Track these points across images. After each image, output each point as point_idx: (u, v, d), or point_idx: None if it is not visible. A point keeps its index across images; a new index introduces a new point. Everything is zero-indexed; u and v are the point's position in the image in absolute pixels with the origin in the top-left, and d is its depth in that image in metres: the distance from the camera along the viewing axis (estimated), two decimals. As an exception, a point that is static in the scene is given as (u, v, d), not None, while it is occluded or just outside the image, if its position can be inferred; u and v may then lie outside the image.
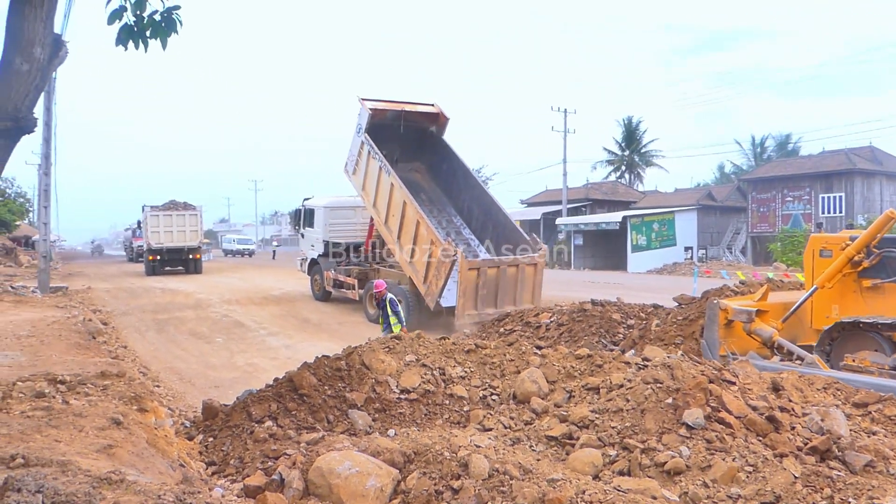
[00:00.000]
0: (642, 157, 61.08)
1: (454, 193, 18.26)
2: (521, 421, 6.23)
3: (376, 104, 17.58)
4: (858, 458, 5.15)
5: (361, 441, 5.40)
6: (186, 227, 32.39)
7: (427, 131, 18.73)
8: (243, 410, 6.40)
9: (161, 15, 5.01)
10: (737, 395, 5.71)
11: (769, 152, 56.67)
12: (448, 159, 18.61)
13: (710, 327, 9.28)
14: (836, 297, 9.06)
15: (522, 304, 15.09)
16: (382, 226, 16.79)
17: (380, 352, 7.41)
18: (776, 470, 4.75)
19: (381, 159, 16.48)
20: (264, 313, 18.79)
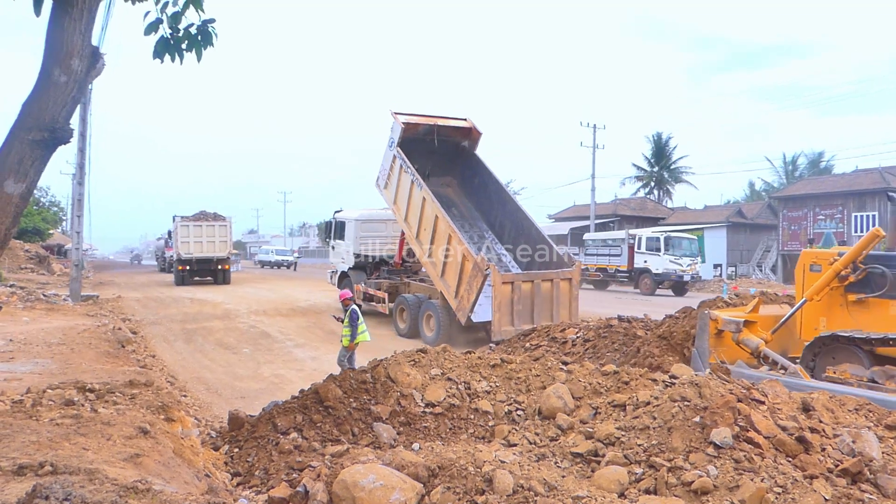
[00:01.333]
0: (671, 173, 60.61)
1: (486, 208, 18.19)
2: (547, 437, 6.18)
3: (409, 118, 17.58)
4: (891, 482, 5.03)
5: (386, 454, 5.41)
6: (216, 238, 32.77)
7: (459, 146, 18.72)
8: (269, 422, 6.45)
9: (197, 28, 5.12)
10: (766, 414, 5.61)
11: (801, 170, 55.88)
12: (480, 174, 18.52)
13: (700, 336, 9.48)
14: (823, 311, 9.37)
15: (559, 320, 14.85)
16: (414, 240, 16.76)
17: (405, 365, 7.42)
18: (806, 492, 4.65)
19: (412, 173, 16.48)
20: (291, 325, 18.91)
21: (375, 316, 19.59)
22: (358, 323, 11.09)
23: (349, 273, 21.02)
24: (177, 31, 5.10)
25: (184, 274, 32.37)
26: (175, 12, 5.04)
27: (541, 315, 14.70)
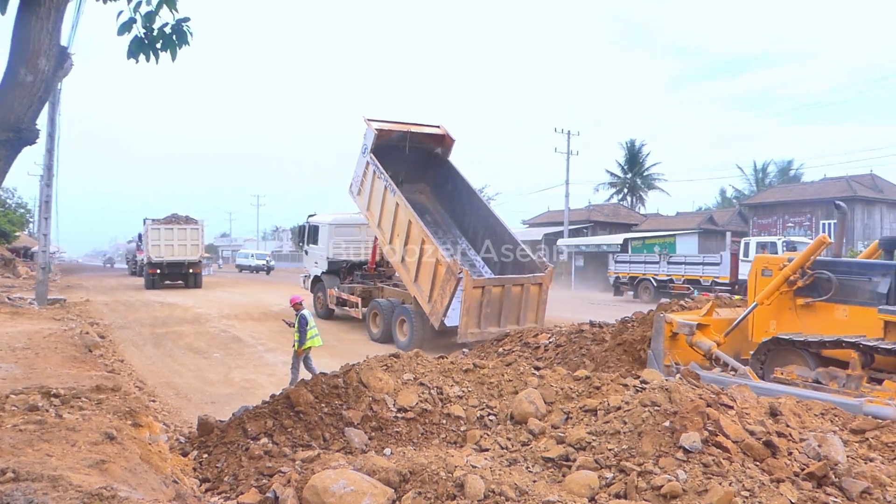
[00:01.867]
0: (644, 180, 61.24)
1: (459, 214, 18.27)
2: (518, 442, 6.19)
3: (382, 125, 17.65)
4: (855, 485, 5.12)
5: (357, 460, 5.38)
6: (187, 241, 32.41)
7: (432, 153, 18.80)
8: (239, 427, 6.38)
9: (171, 27, 5.06)
10: (734, 419, 5.68)
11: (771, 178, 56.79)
12: (453, 180, 18.64)
13: (656, 339, 9.91)
14: (773, 314, 9.72)
15: (526, 324, 15.05)
16: (387, 245, 16.79)
17: (378, 370, 7.39)
18: (773, 495, 4.72)
19: (386, 179, 16.51)
20: (263, 329, 18.74)
21: (349, 320, 19.50)
22: (307, 328, 11.11)
23: (322, 277, 20.92)
24: (151, 30, 5.04)
25: (154, 277, 31.94)
26: (149, 12, 4.97)
27: (508, 318, 14.87)
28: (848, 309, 9.09)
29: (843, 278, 9.22)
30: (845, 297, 9.16)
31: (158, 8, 4.94)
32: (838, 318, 9.12)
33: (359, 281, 19.74)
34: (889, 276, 8.84)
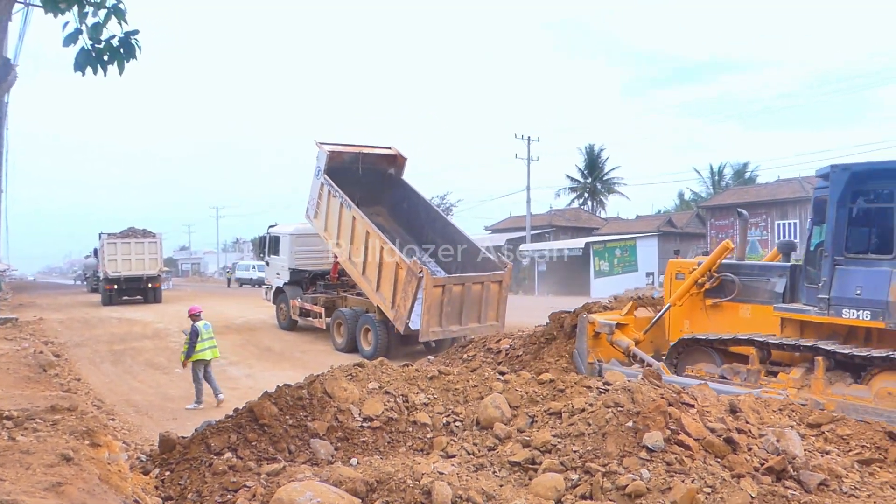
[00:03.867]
0: (604, 184, 61.98)
1: (418, 230, 18.43)
2: (485, 447, 6.21)
3: (334, 147, 17.89)
4: (813, 478, 5.25)
5: (323, 471, 5.34)
6: (145, 255, 31.76)
7: (386, 174, 19.07)
8: (202, 442, 6.27)
9: (119, 40, 4.97)
10: (695, 417, 5.78)
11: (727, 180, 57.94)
12: (409, 198, 18.95)
13: (580, 338, 10.56)
14: (686, 314, 10.30)
15: (487, 321, 15.24)
16: (347, 262, 16.86)
17: (342, 380, 7.34)
18: (734, 491, 4.81)
19: (341, 196, 16.67)
20: (225, 342, 18.44)
21: (312, 331, 19.34)
22: (198, 340, 11.05)
23: (285, 288, 20.73)
24: (98, 42, 4.95)
25: (111, 293, 31.22)
26: (95, 23, 4.89)
27: (469, 316, 15.02)
28: (750, 308, 9.66)
29: (745, 280, 9.80)
30: (748, 297, 9.74)
31: (106, 20, 4.85)
32: (742, 317, 9.69)
33: (322, 291, 19.61)
34: (785, 276, 9.40)
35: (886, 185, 8.19)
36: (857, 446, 6.56)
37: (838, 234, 8.39)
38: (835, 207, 8.39)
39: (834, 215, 8.40)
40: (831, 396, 7.95)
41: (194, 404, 11.11)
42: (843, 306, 8.19)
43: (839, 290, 8.24)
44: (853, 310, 8.10)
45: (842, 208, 8.37)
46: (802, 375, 8.45)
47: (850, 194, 8.38)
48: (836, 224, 8.39)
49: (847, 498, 5.17)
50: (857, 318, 8.08)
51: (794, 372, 8.56)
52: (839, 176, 8.38)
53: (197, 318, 11.31)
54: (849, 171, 8.36)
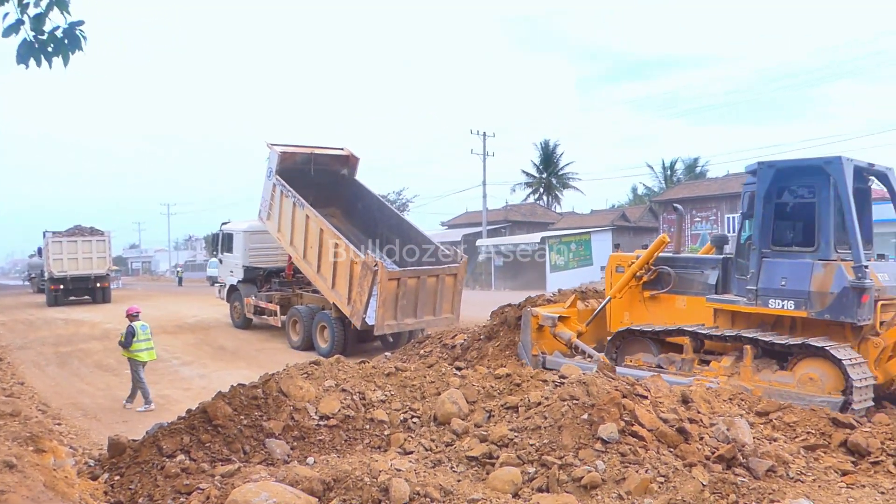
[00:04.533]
0: (559, 179, 62.54)
1: (372, 229, 18.40)
2: (442, 442, 6.22)
3: (285, 148, 17.78)
4: (761, 464, 5.40)
5: (279, 471, 5.27)
6: (93, 254, 30.89)
7: (339, 175, 19.00)
8: (153, 445, 6.12)
9: (63, 31, 4.81)
10: (649, 408, 5.88)
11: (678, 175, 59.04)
12: (363, 198, 18.93)
13: (524, 331, 10.80)
14: (626, 306, 10.62)
15: (442, 314, 15.34)
16: (301, 261, 16.73)
17: (298, 378, 7.26)
18: (686, 479, 4.92)
19: (293, 195, 16.58)
20: (178, 342, 18.11)
21: (267, 329, 19.10)
22: (133, 340, 10.90)
23: (239, 286, 20.41)
24: (41, 34, 4.77)
25: (57, 294, 30.29)
26: (38, 14, 4.72)
27: (424, 309, 15.11)
28: (686, 299, 9.98)
29: (680, 272, 10.11)
30: (683, 288, 10.06)
31: (48, 10, 4.68)
32: (679, 308, 10.01)
33: (277, 288, 19.38)
34: (717, 269, 9.73)
35: (809, 181, 8.56)
36: (803, 433, 6.78)
37: (765, 227, 8.73)
38: (762, 202, 8.73)
39: (761, 210, 8.74)
40: (758, 383, 8.29)
41: (144, 406, 10.88)
42: (769, 297, 8.55)
43: (766, 282, 8.60)
44: (779, 300, 8.47)
45: (768, 203, 8.72)
46: (732, 364, 8.78)
47: (776, 190, 8.74)
48: (763, 218, 8.73)
49: (793, 483, 5.33)
50: (783, 308, 8.46)
51: (725, 360, 8.89)
52: (765, 172, 8.73)
53: (134, 319, 11.12)
54: (774, 167, 8.72)
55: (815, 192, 8.47)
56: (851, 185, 8.18)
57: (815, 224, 8.45)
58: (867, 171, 8.95)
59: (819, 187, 8.41)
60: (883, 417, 7.26)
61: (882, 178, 9.14)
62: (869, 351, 8.18)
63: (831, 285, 8.04)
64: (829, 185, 8.28)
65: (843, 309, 7.96)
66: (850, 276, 7.95)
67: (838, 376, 7.80)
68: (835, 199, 8.24)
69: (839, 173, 8.14)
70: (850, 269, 8.00)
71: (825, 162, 8.33)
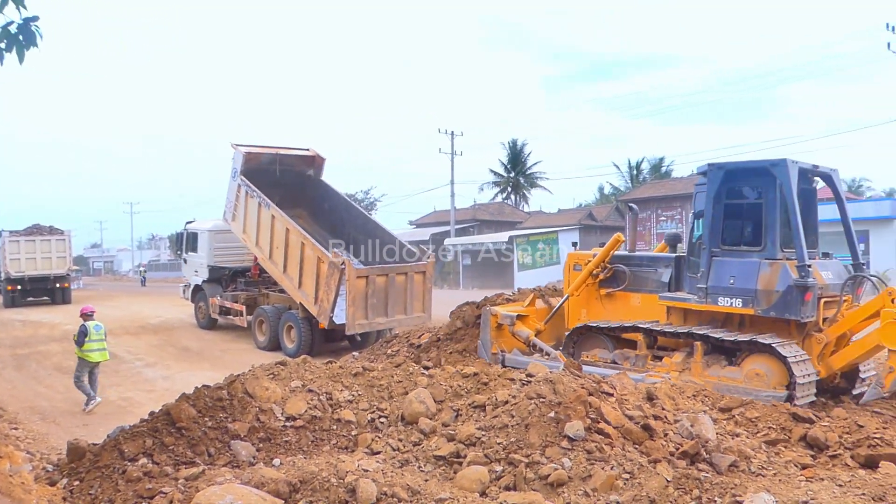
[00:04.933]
0: (527, 178, 62.85)
1: (340, 229, 18.32)
2: (410, 442, 6.21)
3: (250, 148, 17.60)
4: (724, 459, 5.48)
5: (245, 473, 5.21)
6: (53, 254, 30.18)
7: (305, 175, 18.90)
8: (114, 449, 6.00)
9: (18, 27, 4.69)
10: (615, 405, 5.94)
11: (644, 174, 59.75)
12: (329, 198, 18.83)
13: (484, 330, 10.96)
14: (583, 303, 10.81)
15: (414, 313, 15.27)
16: (267, 261, 16.58)
17: (264, 379, 7.19)
18: (651, 476, 4.97)
19: (259, 195, 16.42)
20: (140, 343, 17.79)
21: (233, 329, 18.87)
22: (85, 340, 10.73)
23: (203, 286, 20.13)
24: (-7, 29, 4.66)
25: (14, 295, 29.54)
26: (-10, 9, 4.60)
27: (395, 308, 15.02)
28: (640, 297, 10.19)
29: (635, 270, 10.32)
30: (638, 286, 10.26)
31: (3, 6, 4.57)
32: (633, 305, 10.22)
33: (242, 288, 19.16)
34: (670, 267, 9.96)
35: (756, 182, 8.83)
36: (764, 428, 6.91)
37: (714, 227, 8.98)
38: (711, 203, 8.96)
39: (710, 210, 8.97)
40: (708, 378, 8.53)
41: (91, 403, 10.69)
42: (718, 295, 8.78)
43: (715, 280, 8.84)
44: (727, 298, 8.70)
45: (718, 204, 8.96)
46: (683, 359, 9.02)
47: (725, 191, 8.98)
48: (713, 218, 8.97)
49: (755, 477, 5.42)
50: (731, 306, 8.70)
51: (677, 356, 9.13)
52: (715, 174, 8.98)
53: (88, 318, 10.89)
54: (723, 169, 8.98)
55: (762, 193, 8.73)
56: (796, 186, 8.44)
57: (762, 224, 8.71)
58: (812, 173, 9.25)
59: (766, 189, 8.67)
60: (841, 412, 7.43)
61: (827, 180, 9.46)
62: (812, 347, 8.48)
63: (777, 284, 8.31)
64: (775, 187, 8.53)
65: (788, 306, 8.23)
66: (794, 274, 8.22)
67: (783, 372, 8.07)
68: (780, 201, 8.50)
69: (784, 175, 8.40)
70: (794, 269, 8.26)
71: (771, 164, 8.58)
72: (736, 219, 9.16)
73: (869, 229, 30.73)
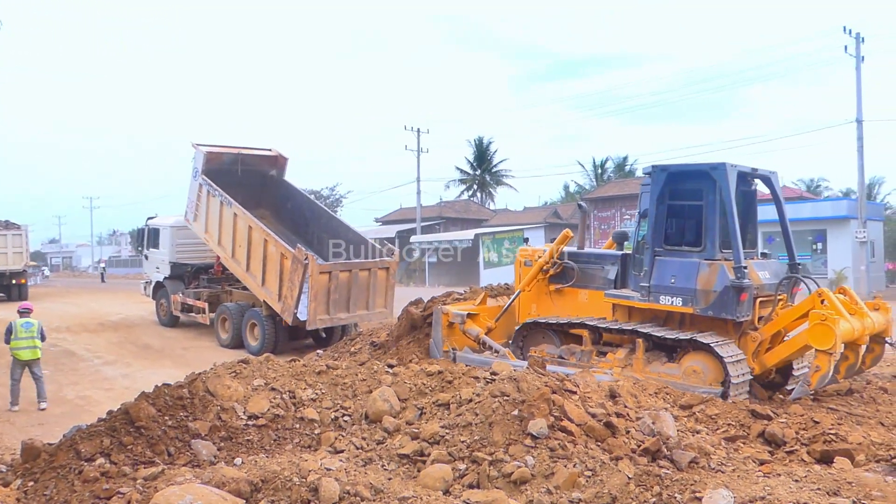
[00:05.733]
0: (493, 176, 63.08)
1: (303, 229, 18.23)
2: (373, 441, 6.19)
3: (211, 148, 17.47)
4: (684, 456, 5.57)
5: (205, 472, 5.14)
6: (9, 249, 29.39)
7: (268, 176, 18.80)
8: (70, 448, 5.87)
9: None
10: (577, 403, 5.99)
11: (609, 173, 60.38)
12: (292, 198, 18.79)
13: (435, 328, 11.12)
14: (534, 299, 10.97)
15: (376, 308, 15.28)
16: (230, 260, 16.40)
17: (226, 377, 7.10)
18: (612, 473, 5.03)
19: (220, 194, 16.25)
20: (100, 340, 17.43)
21: (195, 327, 18.61)
22: (11, 338, 10.61)
23: (165, 283, 19.82)
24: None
25: (-33, 291, 28.77)
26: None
27: (357, 304, 15.02)
28: (588, 293, 10.38)
29: (583, 267, 10.51)
30: (585, 283, 10.45)
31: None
32: (581, 301, 10.41)
33: (205, 285, 18.90)
34: (617, 264, 10.16)
35: (697, 185, 9.03)
36: (723, 424, 7.04)
37: (657, 227, 9.18)
38: (654, 204, 9.18)
39: (654, 211, 9.19)
40: (649, 374, 8.78)
41: (10, 406, 10.49)
42: (660, 293, 9.00)
43: (658, 279, 9.05)
44: (669, 296, 8.94)
45: (661, 205, 9.17)
46: (626, 356, 9.27)
47: (668, 192, 9.19)
48: (656, 219, 9.19)
49: (715, 474, 5.52)
50: (672, 305, 8.94)
51: (620, 352, 9.38)
52: (658, 175, 9.21)
53: (24, 315, 10.74)
54: (666, 171, 9.22)
55: (702, 195, 8.94)
56: (734, 189, 8.68)
57: (703, 226, 8.94)
58: (751, 176, 9.51)
59: (706, 191, 8.88)
60: (797, 409, 7.61)
61: (766, 182, 9.75)
62: (748, 344, 8.76)
63: (714, 284, 8.55)
64: (714, 190, 8.76)
65: (725, 306, 8.48)
66: (731, 275, 8.45)
67: (719, 370, 8.34)
68: (719, 203, 8.71)
69: (723, 178, 8.64)
70: (731, 269, 8.49)
71: (711, 167, 8.83)
72: (678, 219, 9.41)
73: (826, 229, 31.53)
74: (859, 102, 29.51)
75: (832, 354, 7.75)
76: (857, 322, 8.19)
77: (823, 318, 7.80)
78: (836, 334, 7.68)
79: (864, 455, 6.27)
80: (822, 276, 30.92)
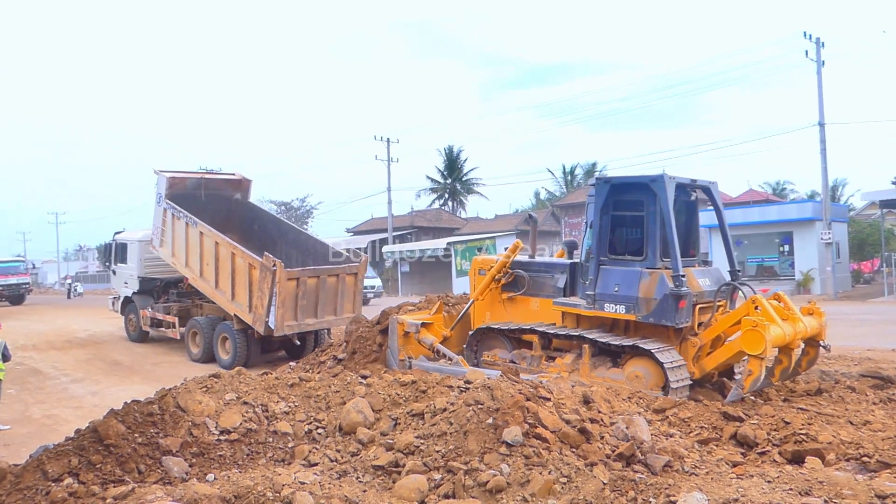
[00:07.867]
0: (464, 185, 63.24)
1: (271, 246, 18.11)
2: (348, 453, 6.13)
3: (174, 174, 17.56)
4: (658, 460, 5.61)
5: (177, 490, 5.05)
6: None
7: (232, 199, 18.87)
8: (37, 469, 5.73)
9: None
10: (552, 410, 6.01)
11: (578, 180, 60.91)
12: (258, 218, 18.89)
13: (391, 338, 11.22)
14: (487, 307, 11.21)
15: (343, 314, 15.23)
16: (199, 280, 16.25)
17: (197, 392, 6.99)
18: (587, 479, 5.04)
19: (185, 215, 16.18)
20: (67, 358, 17.08)
21: (165, 342, 18.34)
22: None
23: (134, 298, 19.52)
24: None
25: (-71, 309, 28.06)
26: None
27: (325, 309, 14.99)
28: (539, 301, 10.60)
29: (534, 276, 10.73)
30: (536, 291, 10.67)
31: None
32: (532, 309, 10.64)
33: (175, 299, 18.65)
34: (566, 273, 10.40)
35: (638, 196, 9.29)
36: (696, 427, 7.12)
37: (602, 237, 9.44)
38: (599, 214, 9.43)
39: (598, 221, 9.45)
40: (594, 379, 8.97)
41: None
42: (605, 301, 9.27)
43: (602, 287, 9.30)
44: (613, 304, 9.19)
45: (605, 215, 9.43)
46: (573, 360, 9.51)
47: (612, 203, 9.45)
48: (601, 229, 9.44)
49: (688, 476, 5.57)
50: (616, 312, 9.20)
51: (567, 357, 9.62)
52: (602, 187, 9.50)
53: None
54: (609, 183, 9.52)
55: (643, 206, 9.19)
56: (673, 200, 8.94)
57: (644, 235, 9.21)
58: (691, 186, 9.80)
59: (647, 202, 9.15)
60: (768, 410, 7.72)
61: (706, 191, 10.05)
62: (688, 350, 9.03)
63: (655, 292, 8.80)
64: (655, 201, 9.02)
65: (664, 313, 8.74)
66: (670, 283, 8.69)
67: (660, 375, 8.60)
68: (659, 214, 8.96)
69: (662, 190, 8.90)
70: (671, 278, 8.74)
71: (650, 180, 9.11)
72: (621, 229, 9.66)
73: (793, 231, 32.10)
74: (821, 106, 30.18)
75: (763, 359, 7.99)
76: (788, 327, 8.47)
77: (755, 324, 8.05)
78: (766, 340, 7.91)
79: (835, 454, 6.37)
80: (789, 278, 31.53)
